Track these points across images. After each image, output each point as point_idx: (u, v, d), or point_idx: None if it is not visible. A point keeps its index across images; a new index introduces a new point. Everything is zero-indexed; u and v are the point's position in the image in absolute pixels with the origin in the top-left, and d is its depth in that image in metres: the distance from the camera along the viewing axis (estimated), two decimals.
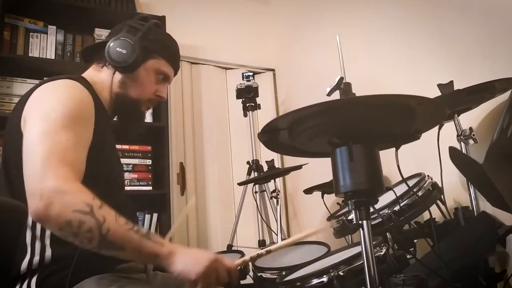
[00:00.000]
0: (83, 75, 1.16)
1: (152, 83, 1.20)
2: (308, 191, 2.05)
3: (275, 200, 2.25)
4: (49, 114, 0.94)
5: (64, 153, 0.90)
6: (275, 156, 2.56)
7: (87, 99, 1.03)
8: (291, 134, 0.83)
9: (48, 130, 0.92)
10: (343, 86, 0.87)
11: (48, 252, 0.95)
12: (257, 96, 2.62)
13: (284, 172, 2.40)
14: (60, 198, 0.83)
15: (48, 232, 0.96)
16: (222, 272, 0.92)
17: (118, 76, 1.15)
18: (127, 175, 2.36)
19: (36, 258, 0.94)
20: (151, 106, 1.25)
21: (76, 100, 1.00)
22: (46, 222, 0.84)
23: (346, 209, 1.69)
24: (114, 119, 1.23)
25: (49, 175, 0.85)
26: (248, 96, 2.59)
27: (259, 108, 2.65)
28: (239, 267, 0.97)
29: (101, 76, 1.16)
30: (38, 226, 0.97)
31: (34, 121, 0.95)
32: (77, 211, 0.83)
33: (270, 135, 0.85)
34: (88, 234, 0.83)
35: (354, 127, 0.83)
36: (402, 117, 0.81)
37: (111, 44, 1.12)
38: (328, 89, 0.89)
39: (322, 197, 1.97)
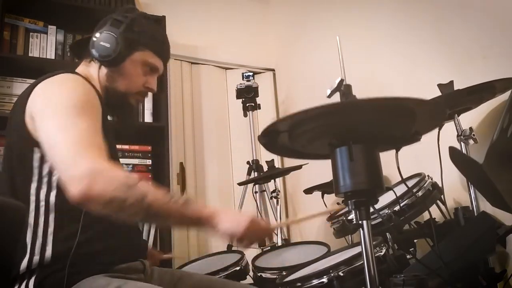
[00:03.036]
0: (76, 70, 1.16)
1: (140, 75, 1.18)
2: (308, 191, 2.05)
3: (275, 200, 2.25)
4: (62, 106, 0.97)
5: (89, 137, 0.93)
6: (275, 156, 2.55)
7: (91, 91, 1.05)
8: (291, 136, 0.83)
9: (66, 121, 0.94)
10: (343, 88, 0.87)
11: (48, 252, 0.95)
12: (257, 96, 2.62)
13: (284, 172, 2.40)
14: (99, 178, 0.85)
15: (50, 231, 0.97)
16: (259, 231, 1.00)
17: (104, 70, 1.14)
18: None
19: (36, 257, 0.95)
20: (141, 99, 1.24)
21: (83, 91, 1.02)
22: (90, 203, 0.85)
23: (346, 209, 1.69)
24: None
25: (82, 159, 0.88)
26: (248, 96, 2.59)
27: (259, 108, 2.65)
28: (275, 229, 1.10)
29: (90, 71, 1.16)
30: (41, 226, 0.97)
31: (48, 115, 0.96)
32: (118, 188, 0.85)
33: (270, 138, 0.85)
34: (131, 209, 0.86)
35: (354, 129, 0.83)
36: (402, 119, 0.81)
37: (95, 38, 1.12)
38: (329, 91, 0.89)
39: (322, 197, 1.96)
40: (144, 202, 0.87)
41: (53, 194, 0.99)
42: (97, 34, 1.12)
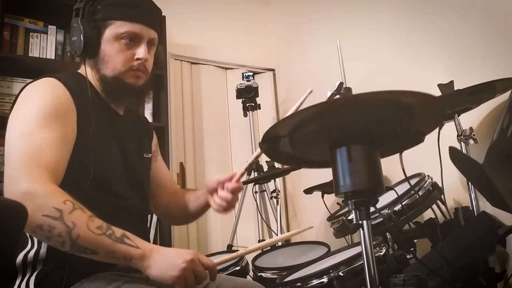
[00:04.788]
0: (79, 71, 1.14)
1: (122, 51, 1.08)
2: (308, 191, 2.04)
3: (275, 200, 2.25)
4: (25, 116, 0.96)
5: (38, 154, 0.91)
6: None
7: (62, 95, 1.01)
8: (292, 140, 0.82)
9: (23, 131, 0.94)
10: (343, 91, 0.87)
11: (44, 249, 0.95)
12: (257, 96, 2.62)
13: (284, 172, 2.40)
14: (30, 202, 0.82)
15: None
16: (200, 271, 0.90)
17: (89, 63, 1.10)
18: None
19: (32, 251, 0.95)
20: (140, 74, 1.12)
21: (50, 97, 0.99)
22: None
23: (346, 209, 1.69)
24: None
25: (22, 177, 0.87)
26: (248, 96, 2.59)
27: (259, 108, 2.65)
28: (218, 265, 0.99)
29: (83, 69, 1.13)
30: None
31: (12, 124, 0.96)
32: (46, 216, 0.83)
33: (271, 144, 0.83)
34: (58, 238, 0.84)
35: (354, 129, 0.83)
36: (401, 116, 0.81)
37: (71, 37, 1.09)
38: (329, 94, 0.89)
39: (322, 197, 1.96)
40: (73, 233, 0.84)
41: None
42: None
